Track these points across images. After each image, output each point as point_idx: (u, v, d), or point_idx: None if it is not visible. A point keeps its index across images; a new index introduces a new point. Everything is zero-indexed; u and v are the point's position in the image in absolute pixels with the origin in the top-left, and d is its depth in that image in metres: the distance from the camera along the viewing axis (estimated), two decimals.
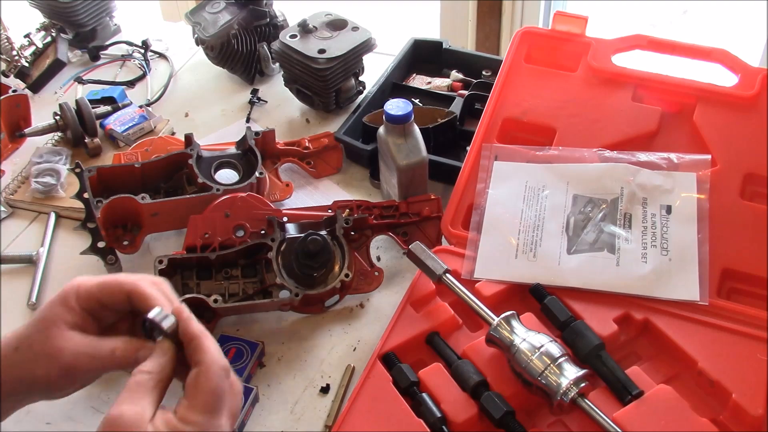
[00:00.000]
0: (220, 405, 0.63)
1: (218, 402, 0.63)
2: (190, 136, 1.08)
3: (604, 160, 1.00)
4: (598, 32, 1.11)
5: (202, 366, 0.63)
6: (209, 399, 0.63)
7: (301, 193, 1.15)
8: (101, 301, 0.68)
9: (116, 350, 0.67)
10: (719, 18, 2.64)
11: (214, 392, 0.63)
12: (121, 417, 0.60)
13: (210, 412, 0.62)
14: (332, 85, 1.22)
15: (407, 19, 2.79)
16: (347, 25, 1.23)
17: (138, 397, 0.62)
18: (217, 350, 0.65)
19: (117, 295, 0.68)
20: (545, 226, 0.96)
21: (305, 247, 0.91)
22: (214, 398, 0.63)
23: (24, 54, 1.41)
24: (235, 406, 0.66)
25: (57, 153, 1.20)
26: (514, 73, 1.10)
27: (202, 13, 1.32)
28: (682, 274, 0.90)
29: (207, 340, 0.65)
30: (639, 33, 1.09)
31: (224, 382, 0.64)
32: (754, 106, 1.00)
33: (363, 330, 0.96)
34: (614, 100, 1.05)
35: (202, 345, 0.65)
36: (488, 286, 0.92)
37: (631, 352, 0.87)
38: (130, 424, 0.60)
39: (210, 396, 0.63)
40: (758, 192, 0.96)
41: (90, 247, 0.99)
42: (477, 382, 0.81)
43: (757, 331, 0.84)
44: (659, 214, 0.95)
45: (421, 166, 1.02)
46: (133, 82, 1.40)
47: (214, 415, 0.63)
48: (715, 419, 0.78)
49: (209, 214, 0.98)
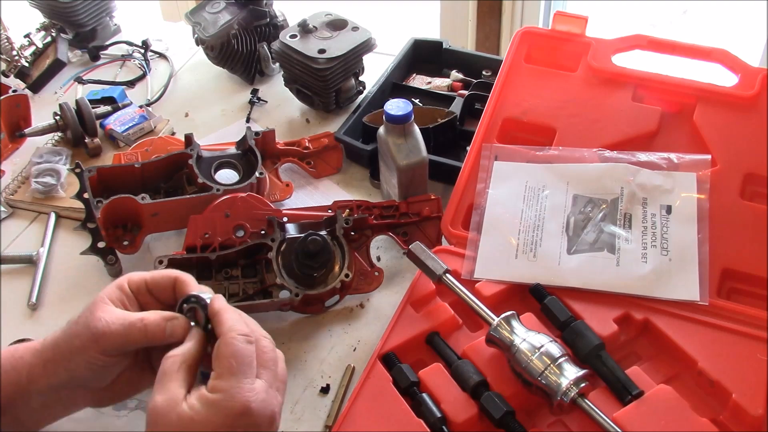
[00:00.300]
0: (243, 368, 0.65)
1: (241, 366, 0.65)
2: (190, 136, 1.08)
3: (604, 160, 1.00)
4: (598, 32, 1.11)
5: (221, 336, 0.67)
6: (230, 364, 0.65)
7: (301, 193, 1.15)
8: (149, 286, 0.74)
9: (145, 319, 0.71)
10: (719, 18, 2.64)
11: (234, 357, 0.65)
12: (155, 407, 0.64)
13: (234, 376, 0.65)
14: (332, 85, 1.22)
15: (407, 19, 2.79)
16: (347, 25, 1.23)
17: (166, 384, 0.65)
18: (235, 319, 0.69)
19: (164, 280, 0.74)
20: (545, 226, 0.96)
21: (305, 248, 0.91)
22: (237, 362, 0.65)
23: (24, 54, 1.41)
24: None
25: (57, 153, 1.20)
26: (514, 73, 1.10)
27: (202, 13, 1.32)
28: (682, 274, 0.90)
29: (226, 313, 0.70)
30: (639, 33, 1.09)
31: (245, 347, 0.66)
32: (754, 106, 1.00)
33: (363, 330, 0.96)
34: (614, 100, 1.05)
35: (221, 318, 0.69)
36: (488, 286, 0.92)
37: (631, 352, 0.87)
38: (164, 410, 0.63)
39: (230, 361, 0.65)
40: (758, 192, 0.96)
41: (90, 248, 0.99)
42: (477, 382, 0.81)
43: (757, 331, 0.84)
44: (659, 214, 0.95)
45: (421, 166, 1.02)
46: (133, 82, 1.40)
47: (240, 378, 0.65)
48: (715, 419, 0.78)
49: (209, 214, 0.98)
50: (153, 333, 0.70)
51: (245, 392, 0.64)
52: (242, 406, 0.63)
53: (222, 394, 0.64)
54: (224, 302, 0.72)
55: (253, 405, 0.64)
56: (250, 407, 0.64)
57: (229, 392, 0.64)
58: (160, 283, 0.75)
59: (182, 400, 0.64)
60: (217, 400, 0.63)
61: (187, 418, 0.63)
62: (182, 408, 0.63)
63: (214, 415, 0.63)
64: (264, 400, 0.65)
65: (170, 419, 0.63)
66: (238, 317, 0.70)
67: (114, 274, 1.02)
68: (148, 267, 0.94)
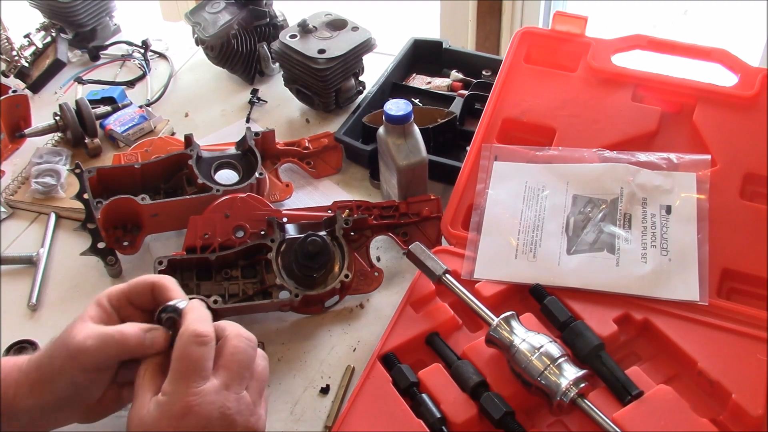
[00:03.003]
0: (189, 372, 0.65)
1: (188, 368, 0.65)
2: (189, 136, 1.08)
3: (604, 160, 1.00)
4: (598, 32, 1.11)
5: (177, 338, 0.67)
6: (177, 366, 0.65)
7: (301, 194, 1.15)
8: (129, 297, 0.73)
9: (123, 330, 0.69)
10: (719, 18, 2.63)
11: (181, 359, 0.65)
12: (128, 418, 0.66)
13: (179, 378, 0.65)
14: (332, 85, 1.22)
15: (407, 19, 2.78)
16: (347, 25, 1.23)
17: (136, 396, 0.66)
18: (193, 320, 0.68)
19: (143, 287, 0.73)
20: (545, 227, 0.96)
21: (305, 248, 0.91)
22: (183, 365, 0.65)
23: (24, 54, 1.41)
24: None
25: (57, 153, 1.20)
26: (514, 73, 1.10)
27: (202, 13, 1.32)
28: (681, 274, 0.90)
29: (188, 315, 0.69)
30: (639, 33, 1.09)
31: (195, 349, 0.65)
32: (754, 106, 1.00)
33: (363, 330, 0.96)
34: (614, 100, 1.05)
35: (183, 320, 0.68)
36: (488, 286, 0.92)
37: (630, 352, 0.87)
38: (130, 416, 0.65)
39: (177, 363, 0.65)
40: (758, 192, 0.96)
41: (90, 248, 0.99)
42: (477, 383, 0.81)
43: (757, 331, 0.84)
44: (659, 214, 0.95)
45: (421, 167, 1.02)
46: (133, 82, 1.40)
47: (185, 380, 0.65)
48: (715, 419, 0.78)
49: (209, 214, 0.98)
50: (132, 345, 0.69)
51: (188, 395, 0.64)
52: (181, 408, 0.64)
53: (167, 397, 0.65)
54: (196, 305, 0.70)
55: (196, 407, 0.64)
56: (191, 409, 0.64)
57: (172, 395, 0.64)
58: (138, 291, 0.73)
59: (147, 404, 0.65)
60: (162, 402, 0.64)
61: (144, 421, 0.64)
62: (142, 413, 0.65)
63: (160, 418, 0.64)
64: (211, 401, 0.64)
65: (134, 423, 0.65)
66: (199, 318, 0.68)
67: (114, 275, 1.02)
68: (148, 267, 0.94)
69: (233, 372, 0.67)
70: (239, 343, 0.68)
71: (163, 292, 0.72)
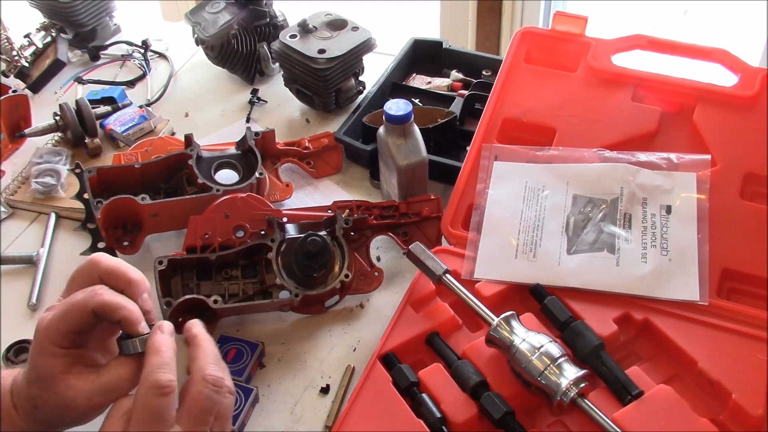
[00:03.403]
0: (152, 421, 0.64)
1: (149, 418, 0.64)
2: (190, 136, 1.08)
3: (604, 160, 1.00)
4: (598, 32, 1.11)
5: (139, 384, 0.65)
6: (140, 416, 0.64)
7: (301, 194, 1.15)
8: (72, 330, 0.67)
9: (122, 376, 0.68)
10: (719, 18, 2.63)
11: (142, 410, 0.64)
12: None
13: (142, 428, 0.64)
14: (332, 85, 1.22)
15: (407, 19, 2.78)
16: (347, 25, 1.23)
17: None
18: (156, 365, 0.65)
19: (83, 316, 0.67)
20: (545, 227, 0.96)
21: (305, 248, 0.91)
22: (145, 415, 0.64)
23: (24, 54, 1.41)
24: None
25: (57, 153, 1.20)
26: (514, 73, 1.10)
27: (202, 13, 1.32)
28: (681, 274, 0.90)
29: (151, 358, 0.65)
30: (639, 33, 1.09)
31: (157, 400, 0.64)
32: (754, 106, 1.00)
33: (363, 330, 0.96)
34: (614, 100, 1.05)
35: (145, 361, 0.66)
36: (488, 286, 0.92)
37: (631, 352, 0.87)
38: None
39: (139, 413, 0.64)
40: (758, 192, 0.96)
41: (90, 248, 0.99)
42: (477, 383, 0.81)
43: (757, 331, 0.84)
44: (659, 214, 0.95)
45: (421, 167, 1.02)
46: (133, 82, 1.40)
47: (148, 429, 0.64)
48: (715, 419, 0.78)
49: (209, 214, 0.98)
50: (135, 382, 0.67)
51: None
52: None
53: None
54: (159, 344, 0.67)
55: None
56: None
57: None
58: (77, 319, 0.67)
59: None
60: None
61: None
62: None
63: None
64: None
65: None
66: (161, 364, 0.65)
67: None
68: (148, 267, 0.94)
69: (196, 419, 0.66)
70: (203, 389, 0.66)
71: (108, 313, 0.67)
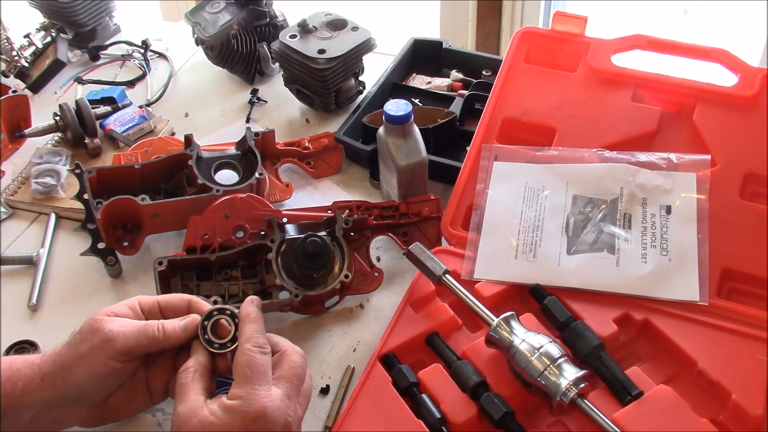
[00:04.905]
0: (258, 377, 0.70)
1: (256, 374, 0.70)
2: (189, 136, 1.08)
3: (604, 160, 1.00)
4: (598, 32, 1.11)
5: (238, 347, 0.73)
6: (245, 372, 0.70)
7: (301, 194, 1.15)
8: (162, 307, 0.78)
9: (163, 321, 0.75)
10: (719, 18, 2.63)
11: (248, 366, 0.70)
12: (177, 415, 0.69)
13: (250, 383, 0.69)
14: (332, 85, 1.22)
15: (407, 19, 2.78)
16: (347, 25, 1.23)
17: (185, 393, 0.70)
18: (253, 330, 0.74)
19: (179, 301, 0.78)
20: (545, 227, 0.96)
21: (305, 249, 0.91)
22: (251, 371, 0.70)
23: (24, 54, 1.41)
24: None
25: (57, 153, 1.20)
26: (514, 73, 1.10)
27: (202, 13, 1.32)
28: (681, 275, 0.90)
29: (245, 326, 0.75)
30: (639, 33, 1.09)
31: (259, 357, 0.71)
32: (754, 106, 1.00)
33: (363, 331, 0.96)
34: (614, 100, 1.05)
35: (241, 330, 0.75)
36: (488, 286, 0.92)
37: (630, 352, 0.87)
38: (186, 416, 0.68)
39: (245, 369, 0.70)
40: (758, 192, 0.96)
41: (90, 248, 0.99)
42: (477, 383, 0.81)
43: (757, 331, 0.84)
44: (659, 214, 0.95)
45: (421, 167, 1.02)
46: (133, 82, 1.40)
47: (255, 385, 0.69)
48: (715, 419, 0.78)
49: (209, 215, 0.98)
50: (169, 333, 0.74)
51: (261, 397, 0.68)
52: (257, 410, 0.68)
53: (240, 400, 0.68)
54: (253, 316, 0.76)
55: (269, 411, 0.68)
56: (265, 411, 0.68)
57: (246, 398, 0.68)
58: (175, 305, 0.78)
59: (202, 405, 0.69)
60: (235, 405, 0.68)
61: (208, 422, 0.67)
62: (204, 413, 0.68)
63: (233, 420, 0.67)
64: (279, 407, 0.69)
65: (192, 423, 0.67)
66: (258, 330, 0.74)
67: (114, 275, 1.02)
68: (148, 267, 0.94)
69: (292, 384, 0.72)
70: (297, 359, 0.74)
71: (200, 306, 0.78)
